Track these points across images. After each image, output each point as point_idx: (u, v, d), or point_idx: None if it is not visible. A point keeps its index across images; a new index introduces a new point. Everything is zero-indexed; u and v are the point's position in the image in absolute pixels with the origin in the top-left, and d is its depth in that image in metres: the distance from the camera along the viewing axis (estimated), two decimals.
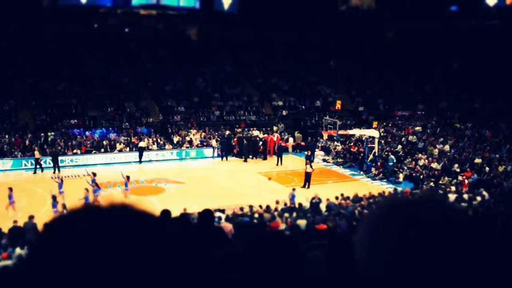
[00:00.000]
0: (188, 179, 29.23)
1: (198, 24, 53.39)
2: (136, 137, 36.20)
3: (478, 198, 22.08)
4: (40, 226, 16.72)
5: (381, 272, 1.05)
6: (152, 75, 45.17)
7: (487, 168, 27.86)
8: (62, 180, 24.87)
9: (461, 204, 20.37)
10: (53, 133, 35.34)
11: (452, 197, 22.28)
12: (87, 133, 36.16)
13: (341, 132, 36.07)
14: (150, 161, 34.38)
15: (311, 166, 28.01)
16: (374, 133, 33.21)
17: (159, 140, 36.44)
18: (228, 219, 17.32)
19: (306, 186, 27.26)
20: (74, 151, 33.57)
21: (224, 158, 34.57)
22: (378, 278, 1.05)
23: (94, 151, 34.15)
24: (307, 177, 27.63)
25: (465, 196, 22.47)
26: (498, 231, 2.78)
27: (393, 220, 1.07)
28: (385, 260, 1.04)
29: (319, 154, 36.18)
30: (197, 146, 36.51)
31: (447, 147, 32.44)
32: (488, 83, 43.14)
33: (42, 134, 34.70)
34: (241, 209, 19.42)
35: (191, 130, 38.20)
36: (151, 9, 52.81)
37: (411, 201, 1.11)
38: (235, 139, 36.19)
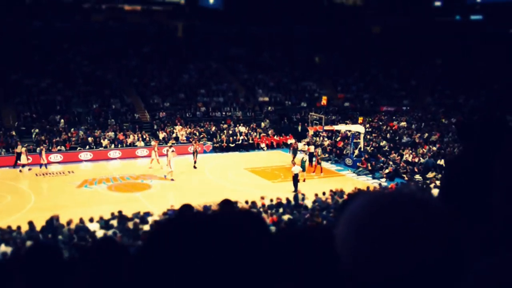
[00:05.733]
0: (174, 175, 29.14)
1: (183, 19, 53.18)
2: (121, 133, 36.03)
3: None
4: (25, 224, 16.59)
5: (362, 266, 1.06)
6: (137, 71, 44.93)
7: None
8: None
9: None
10: (37, 130, 35.04)
11: (436, 191, 22.45)
12: (72, 129, 35.87)
13: (327, 127, 36.17)
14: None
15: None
16: (359, 128, 33.32)
17: (144, 137, 36.29)
18: None
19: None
20: (59, 147, 33.31)
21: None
22: (359, 273, 1.06)
23: (79, 148, 33.91)
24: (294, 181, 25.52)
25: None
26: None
27: (374, 215, 1.08)
28: (366, 255, 1.05)
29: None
30: (182, 142, 36.42)
31: (434, 148, 32.51)
32: (471, 78, 43.54)
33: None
34: None
35: (176, 126, 38.07)
36: (136, 4, 52.51)
37: (391, 197, 1.12)
38: None
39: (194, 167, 30.84)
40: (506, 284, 1.01)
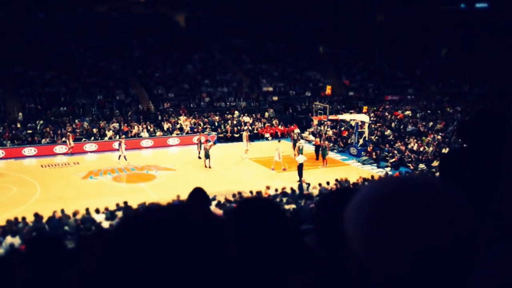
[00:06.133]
0: (179, 166, 29.20)
1: (187, 10, 52.97)
2: (126, 124, 36.09)
3: None
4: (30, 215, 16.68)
5: (374, 253, 1.05)
6: (141, 62, 44.88)
7: None
8: None
9: None
10: (41, 122, 35.12)
11: None
12: (76, 121, 35.96)
13: (331, 117, 36.09)
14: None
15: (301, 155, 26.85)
16: (364, 117, 33.24)
17: (149, 127, 36.33)
18: (218, 205, 17.34)
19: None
20: (63, 139, 33.38)
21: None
22: (370, 260, 1.06)
23: (84, 139, 33.99)
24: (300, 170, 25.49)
25: None
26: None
27: (385, 200, 1.07)
28: (378, 241, 1.04)
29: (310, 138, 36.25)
30: (187, 133, 36.43)
31: (439, 137, 32.34)
32: (476, 67, 43.30)
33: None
34: (233, 195, 19.45)
35: (181, 117, 38.10)
36: None
37: (403, 182, 1.10)
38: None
39: (199, 157, 30.48)
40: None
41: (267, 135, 37.56)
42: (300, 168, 25.41)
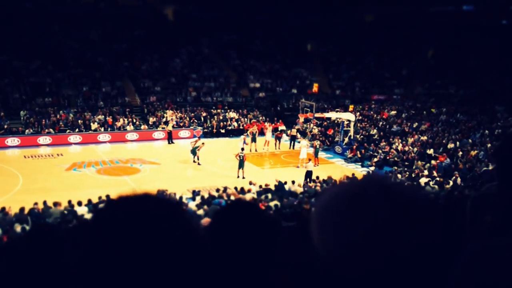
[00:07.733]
0: (164, 160, 29.10)
1: (176, 3, 52.74)
2: (111, 116, 35.88)
3: (451, 182, 22.47)
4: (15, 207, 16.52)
5: (336, 253, 1.06)
6: (128, 55, 44.59)
7: (460, 153, 28.22)
8: None
9: (433, 188, 20.69)
10: (25, 112, 34.79)
11: (424, 180, 22.61)
12: (61, 112, 35.66)
13: (317, 115, 36.14)
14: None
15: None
16: (350, 116, 33.34)
17: (134, 120, 36.16)
18: (202, 200, 17.31)
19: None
20: (48, 130, 33.13)
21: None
22: (334, 259, 1.06)
23: (68, 131, 33.74)
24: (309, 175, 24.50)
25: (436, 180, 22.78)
26: (466, 213, 2.84)
27: (342, 204, 1.07)
28: (336, 248, 1.05)
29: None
30: (173, 127, 36.29)
31: (424, 138, 32.50)
32: (463, 69, 43.64)
33: None
34: (217, 190, 19.45)
35: (167, 111, 37.96)
36: None
37: (359, 188, 1.11)
38: None
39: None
40: (494, 266, 1.01)
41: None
42: (309, 174, 24.57)
